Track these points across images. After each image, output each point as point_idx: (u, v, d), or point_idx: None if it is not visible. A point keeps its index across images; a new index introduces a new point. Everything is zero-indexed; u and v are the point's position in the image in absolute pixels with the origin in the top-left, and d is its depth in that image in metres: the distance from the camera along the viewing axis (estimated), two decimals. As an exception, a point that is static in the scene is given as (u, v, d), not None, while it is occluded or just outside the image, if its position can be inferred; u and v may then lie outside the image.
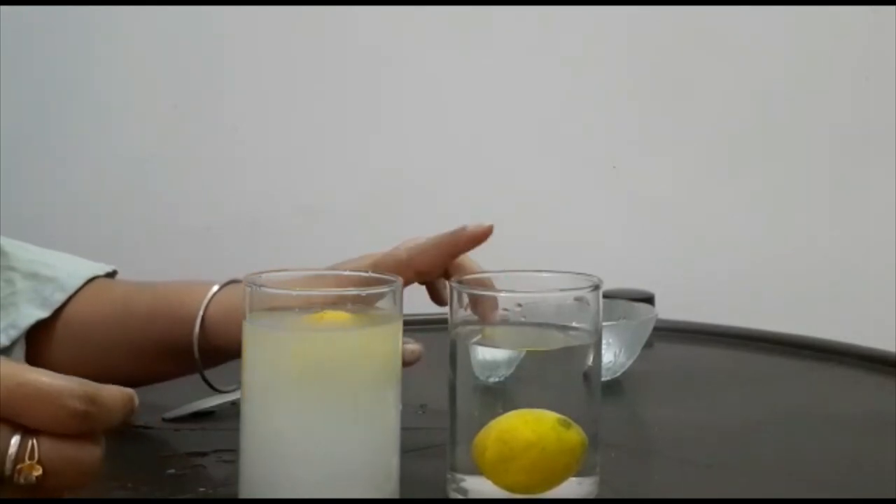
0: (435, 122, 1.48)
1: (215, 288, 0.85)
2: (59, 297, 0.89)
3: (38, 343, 0.89)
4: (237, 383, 0.70)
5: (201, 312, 0.84)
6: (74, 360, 0.86)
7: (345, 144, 1.49)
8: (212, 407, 0.88)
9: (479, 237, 0.83)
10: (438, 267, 0.84)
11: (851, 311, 1.37)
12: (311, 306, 0.68)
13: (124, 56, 1.51)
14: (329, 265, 0.80)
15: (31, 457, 0.52)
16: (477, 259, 0.86)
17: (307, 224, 1.47)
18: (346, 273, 0.76)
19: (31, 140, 1.51)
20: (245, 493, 0.67)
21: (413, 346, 0.77)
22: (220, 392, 0.88)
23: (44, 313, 0.89)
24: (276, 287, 0.68)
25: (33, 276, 0.90)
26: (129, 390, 0.56)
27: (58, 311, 0.89)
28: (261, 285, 0.68)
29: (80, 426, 0.52)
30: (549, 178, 1.46)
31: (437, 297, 0.87)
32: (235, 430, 0.67)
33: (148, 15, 1.48)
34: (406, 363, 0.71)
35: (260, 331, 0.67)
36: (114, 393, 0.54)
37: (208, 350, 0.84)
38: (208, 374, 0.86)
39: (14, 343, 0.88)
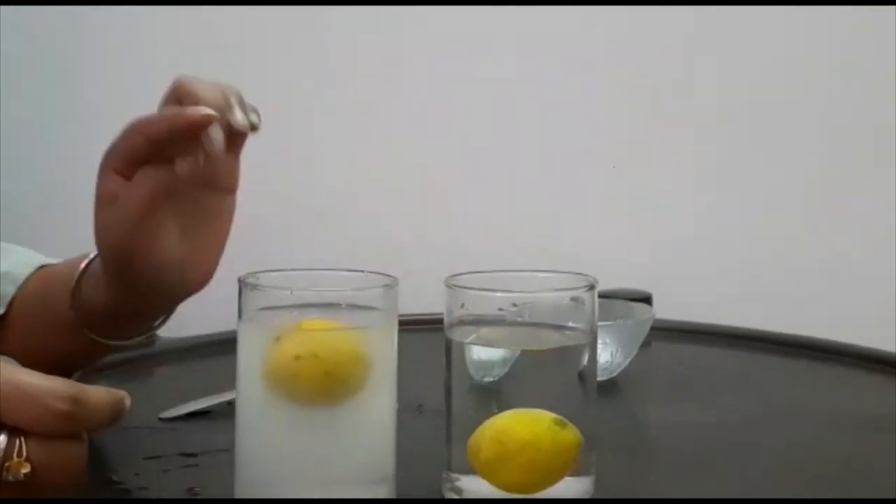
0: (434, 122, 1.47)
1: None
2: (10, 290, 0.87)
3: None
4: (232, 389, 0.70)
5: (81, 267, 0.83)
6: (22, 351, 0.84)
7: (345, 145, 1.49)
8: (208, 407, 0.88)
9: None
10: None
11: (851, 311, 1.37)
12: (306, 306, 0.67)
13: (125, 56, 1.50)
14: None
15: (20, 454, 0.52)
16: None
17: (307, 224, 1.47)
18: (344, 272, 0.76)
19: (31, 140, 1.51)
20: (241, 493, 0.67)
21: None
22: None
23: None
24: (272, 287, 0.68)
25: None
26: (120, 392, 0.55)
27: (11, 305, 0.87)
28: (256, 285, 0.68)
29: (64, 427, 0.52)
30: (549, 178, 1.46)
31: None
32: (231, 430, 0.68)
33: (148, 15, 1.48)
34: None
35: (255, 330, 0.67)
36: (100, 394, 0.54)
37: (84, 309, 0.82)
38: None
39: None
